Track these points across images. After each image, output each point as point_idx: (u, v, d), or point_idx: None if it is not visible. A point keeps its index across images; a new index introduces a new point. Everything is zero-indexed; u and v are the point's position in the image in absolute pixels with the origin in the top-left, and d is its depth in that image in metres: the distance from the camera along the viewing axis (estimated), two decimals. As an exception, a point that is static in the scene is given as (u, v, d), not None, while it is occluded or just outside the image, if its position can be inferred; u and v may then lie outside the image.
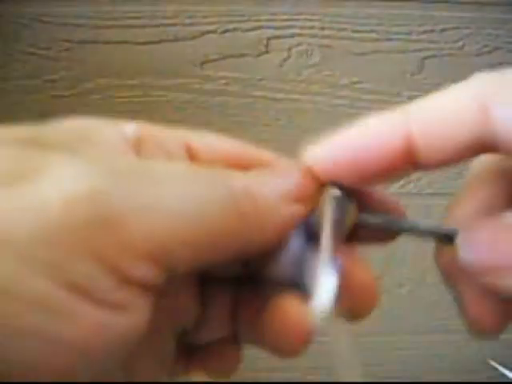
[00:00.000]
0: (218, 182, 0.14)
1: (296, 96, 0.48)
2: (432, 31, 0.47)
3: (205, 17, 0.46)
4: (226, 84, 0.48)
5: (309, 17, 0.47)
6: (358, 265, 0.16)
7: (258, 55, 0.47)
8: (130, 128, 0.16)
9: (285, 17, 0.47)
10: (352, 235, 0.16)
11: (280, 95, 0.48)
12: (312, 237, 0.16)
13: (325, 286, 0.14)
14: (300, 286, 0.15)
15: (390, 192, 0.51)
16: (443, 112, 0.15)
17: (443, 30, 0.47)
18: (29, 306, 0.10)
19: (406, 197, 0.52)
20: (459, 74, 0.55)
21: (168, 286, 0.13)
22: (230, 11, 0.46)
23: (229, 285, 0.17)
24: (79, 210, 0.11)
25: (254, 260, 0.15)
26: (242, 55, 0.47)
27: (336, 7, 0.47)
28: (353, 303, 0.15)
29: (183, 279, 0.16)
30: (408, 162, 0.15)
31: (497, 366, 0.55)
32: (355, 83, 0.48)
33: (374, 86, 0.48)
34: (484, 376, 0.57)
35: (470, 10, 0.47)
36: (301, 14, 0.46)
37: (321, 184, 0.16)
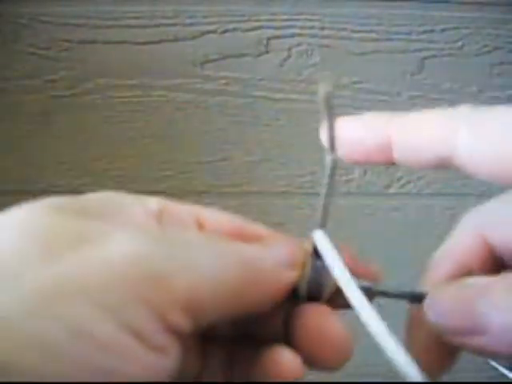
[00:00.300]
0: (233, 250, 0.16)
1: (296, 96, 0.48)
2: (432, 31, 0.47)
3: (205, 17, 0.46)
4: (226, 84, 0.48)
5: (309, 17, 0.47)
6: (333, 322, 0.18)
7: (258, 55, 0.47)
8: (152, 202, 0.19)
9: (285, 17, 0.47)
10: (334, 299, 0.19)
11: (280, 95, 0.48)
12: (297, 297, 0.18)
13: None
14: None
15: (387, 193, 0.51)
16: (419, 128, 0.19)
17: (443, 30, 0.47)
18: (98, 346, 0.12)
19: (406, 197, 0.52)
20: (459, 74, 0.55)
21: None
22: (230, 11, 0.46)
23: (224, 342, 0.19)
24: (137, 267, 0.14)
25: (249, 319, 0.18)
26: (242, 55, 0.47)
27: (336, 7, 0.47)
28: (325, 355, 0.17)
29: (192, 339, 0.18)
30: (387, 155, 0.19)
31: (497, 366, 0.55)
32: (355, 83, 0.48)
33: (374, 86, 0.48)
34: (484, 376, 0.57)
35: (470, 10, 0.47)
36: (301, 14, 0.46)
37: (306, 253, 0.19)
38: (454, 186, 0.52)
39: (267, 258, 0.17)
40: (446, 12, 0.47)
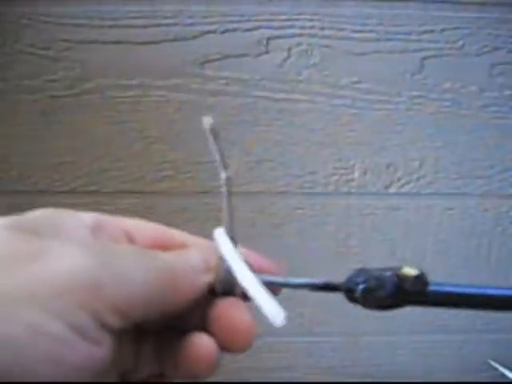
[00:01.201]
0: (154, 260, 0.20)
1: (296, 96, 0.48)
2: (432, 31, 0.47)
3: (205, 17, 0.46)
4: (226, 84, 0.48)
5: (309, 17, 0.47)
6: (239, 312, 0.21)
7: (258, 55, 0.47)
8: (87, 218, 0.21)
9: (285, 17, 0.47)
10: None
11: (280, 95, 0.48)
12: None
13: None
14: None
15: (387, 193, 0.51)
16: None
17: (443, 30, 0.47)
18: (51, 340, 0.16)
19: (405, 197, 0.52)
20: (459, 74, 0.55)
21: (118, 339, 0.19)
22: (230, 11, 0.46)
23: (155, 335, 0.23)
24: (76, 279, 0.17)
25: (174, 314, 0.21)
26: (242, 55, 0.47)
27: (336, 7, 0.47)
28: (233, 339, 0.21)
29: (125, 334, 0.21)
30: None
31: (497, 366, 0.55)
32: (355, 83, 0.48)
33: (374, 86, 0.49)
34: (484, 376, 0.57)
35: (470, 10, 0.47)
36: (301, 14, 0.46)
37: (218, 256, 0.22)
38: (453, 185, 0.52)
39: (184, 264, 0.21)
40: (446, 12, 0.47)
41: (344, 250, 0.53)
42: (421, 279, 0.22)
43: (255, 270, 0.22)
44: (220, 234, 0.22)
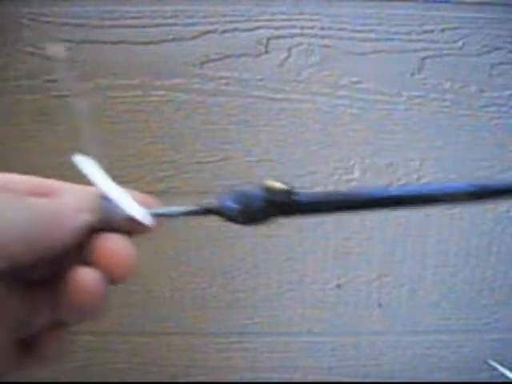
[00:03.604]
0: (32, 205, 0.21)
1: (296, 96, 0.48)
2: (432, 31, 0.47)
3: (205, 17, 0.46)
4: (226, 84, 0.48)
5: (309, 17, 0.47)
6: (120, 244, 0.22)
7: (258, 55, 0.47)
8: None
9: (285, 17, 0.47)
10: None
11: (280, 95, 0.48)
12: None
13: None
14: None
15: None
16: None
17: (443, 30, 0.47)
18: None
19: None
20: (459, 74, 0.55)
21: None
22: (230, 11, 0.46)
23: (42, 284, 0.23)
24: None
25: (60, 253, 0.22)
26: (242, 55, 0.47)
27: (336, 7, 0.47)
28: (109, 267, 0.21)
29: (10, 288, 0.22)
30: None
31: (497, 366, 0.55)
32: (355, 83, 0.48)
33: (374, 86, 0.48)
34: (484, 376, 0.57)
35: (470, 10, 0.47)
36: (301, 14, 0.46)
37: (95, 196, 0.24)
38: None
39: (58, 206, 0.22)
40: (446, 12, 0.47)
41: (344, 250, 0.53)
42: (287, 190, 0.25)
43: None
44: (81, 160, 0.25)
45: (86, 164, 0.25)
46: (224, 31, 0.47)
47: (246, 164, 0.50)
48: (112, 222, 0.23)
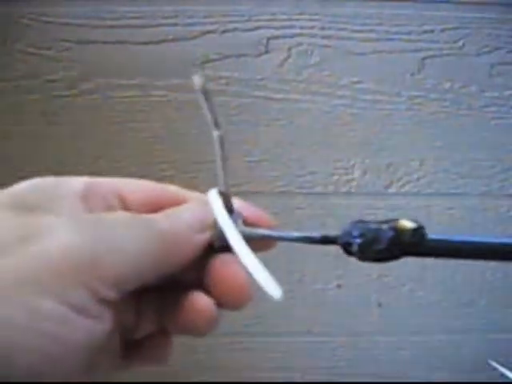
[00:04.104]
0: (150, 226, 0.20)
1: (296, 96, 0.48)
2: (432, 31, 0.47)
3: (205, 17, 0.46)
4: (226, 84, 0.48)
5: (309, 17, 0.47)
6: (236, 269, 0.21)
7: (258, 55, 0.47)
8: (76, 184, 0.21)
9: (285, 17, 0.47)
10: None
11: (280, 95, 0.48)
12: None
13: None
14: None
15: (387, 193, 0.51)
16: None
17: (443, 30, 0.47)
18: (48, 320, 0.16)
19: (405, 197, 0.52)
20: (459, 74, 0.55)
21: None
22: (230, 11, 0.46)
23: (155, 294, 0.23)
24: (71, 256, 0.17)
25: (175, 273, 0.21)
26: (242, 55, 0.47)
27: (336, 7, 0.47)
28: (224, 294, 0.21)
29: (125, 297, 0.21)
30: None
31: (497, 366, 0.55)
32: (355, 83, 0.48)
33: (374, 86, 0.48)
34: (484, 376, 0.57)
35: (470, 10, 0.47)
36: (301, 14, 0.46)
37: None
38: (454, 185, 0.52)
39: (177, 225, 0.21)
40: (446, 12, 0.47)
41: (344, 250, 0.53)
42: (418, 231, 0.22)
43: (250, 223, 0.22)
44: (214, 196, 0.22)
45: (218, 205, 0.22)
46: (224, 31, 0.47)
47: (246, 164, 0.50)
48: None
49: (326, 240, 0.22)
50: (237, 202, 0.23)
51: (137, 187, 0.24)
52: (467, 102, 0.49)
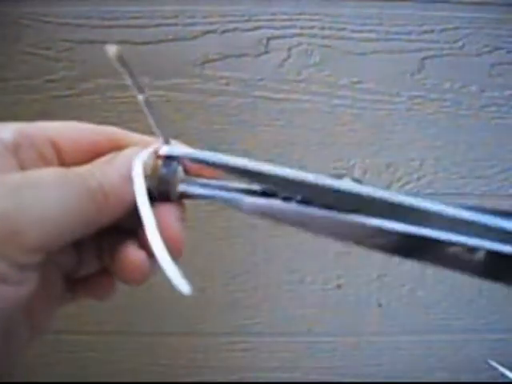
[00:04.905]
0: (79, 184, 0.19)
1: (296, 96, 0.48)
2: (432, 31, 0.47)
3: (205, 17, 0.46)
4: (226, 84, 0.48)
5: (309, 17, 0.47)
6: (171, 220, 0.21)
7: (258, 55, 0.47)
8: (7, 133, 0.20)
9: (285, 17, 0.47)
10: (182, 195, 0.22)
11: (280, 95, 0.48)
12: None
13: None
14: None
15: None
16: None
17: (443, 30, 0.47)
18: None
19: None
20: (459, 74, 0.55)
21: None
22: (230, 11, 0.46)
23: (94, 237, 0.22)
24: None
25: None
26: (242, 55, 0.47)
27: (336, 7, 0.47)
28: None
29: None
30: None
31: (497, 366, 0.55)
32: (355, 83, 0.48)
33: (374, 86, 0.48)
34: (484, 376, 0.57)
35: (470, 10, 0.47)
36: (301, 14, 0.46)
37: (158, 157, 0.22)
38: (453, 185, 0.52)
39: (112, 180, 0.20)
40: (446, 12, 0.47)
41: (344, 251, 0.53)
42: None
43: (194, 173, 0.22)
44: (137, 171, 0.20)
45: (140, 184, 0.20)
46: (224, 31, 0.47)
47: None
48: (167, 189, 0.21)
49: (265, 193, 0.22)
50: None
51: (72, 133, 0.22)
52: (467, 102, 0.49)
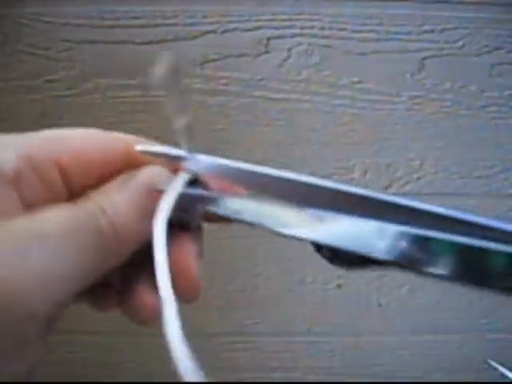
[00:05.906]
0: (90, 233, 0.17)
1: (296, 96, 0.48)
2: (432, 31, 0.47)
3: (205, 17, 0.46)
4: (226, 84, 0.48)
5: (309, 17, 0.47)
6: (187, 255, 0.20)
7: (258, 55, 0.47)
8: (8, 163, 0.17)
9: (285, 17, 0.47)
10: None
11: (280, 95, 0.48)
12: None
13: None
14: None
15: (386, 193, 0.51)
16: None
17: (443, 30, 0.47)
18: None
19: (405, 197, 0.52)
20: (459, 74, 0.55)
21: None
22: (230, 11, 0.46)
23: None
24: None
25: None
26: (242, 55, 0.47)
27: (336, 7, 0.47)
28: (176, 287, 0.18)
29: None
30: None
31: (497, 366, 0.55)
32: (355, 83, 0.48)
33: (374, 86, 0.48)
34: (484, 376, 0.57)
35: (470, 10, 0.47)
36: (301, 14, 0.46)
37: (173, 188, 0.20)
38: (453, 185, 0.52)
39: (125, 215, 0.18)
40: (446, 12, 0.47)
41: (344, 250, 0.52)
42: None
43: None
44: (159, 222, 0.18)
45: (161, 230, 0.18)
46: (224, 31, 0.47)
47: (246, 164, 0.50)
48: (186, 216, 0.19)
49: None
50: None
51: (78, 150, 0.19)
52: (467, 102, 0.49)
